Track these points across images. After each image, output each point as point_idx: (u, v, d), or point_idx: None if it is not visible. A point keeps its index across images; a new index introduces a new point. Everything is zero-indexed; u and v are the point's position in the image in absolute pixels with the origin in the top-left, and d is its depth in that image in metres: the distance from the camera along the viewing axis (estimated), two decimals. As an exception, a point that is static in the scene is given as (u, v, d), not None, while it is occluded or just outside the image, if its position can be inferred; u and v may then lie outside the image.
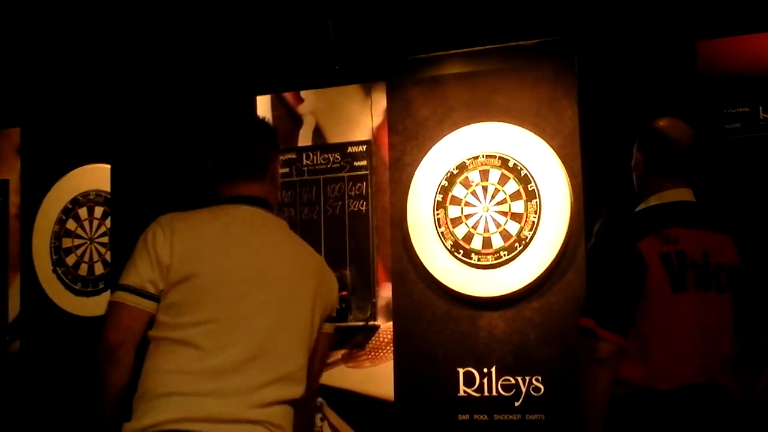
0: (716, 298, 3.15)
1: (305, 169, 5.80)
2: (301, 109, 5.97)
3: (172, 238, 2.78)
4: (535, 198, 5.24)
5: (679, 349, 3.05)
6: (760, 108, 4.42)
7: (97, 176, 6.07)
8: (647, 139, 3.30)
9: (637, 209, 3.28)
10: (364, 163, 5.69)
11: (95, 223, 6.19)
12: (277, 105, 5.98)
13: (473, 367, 5.32)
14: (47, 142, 6.22)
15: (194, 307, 2.75)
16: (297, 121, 5.95)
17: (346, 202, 5.70)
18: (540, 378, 5.20)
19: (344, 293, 5.51)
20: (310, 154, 5.83)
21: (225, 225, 2.90)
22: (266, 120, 3.18)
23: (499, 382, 5.26)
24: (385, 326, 5.58)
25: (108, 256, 5.98)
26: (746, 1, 4.28)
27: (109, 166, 5.55)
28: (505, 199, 5.33)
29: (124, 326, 2.74)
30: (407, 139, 5.63)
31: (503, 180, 5.34)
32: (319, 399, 5.66)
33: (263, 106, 5.92)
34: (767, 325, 4.14)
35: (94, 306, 6.01)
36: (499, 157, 5.35)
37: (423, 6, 4.88)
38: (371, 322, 5.58)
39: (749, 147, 4.41)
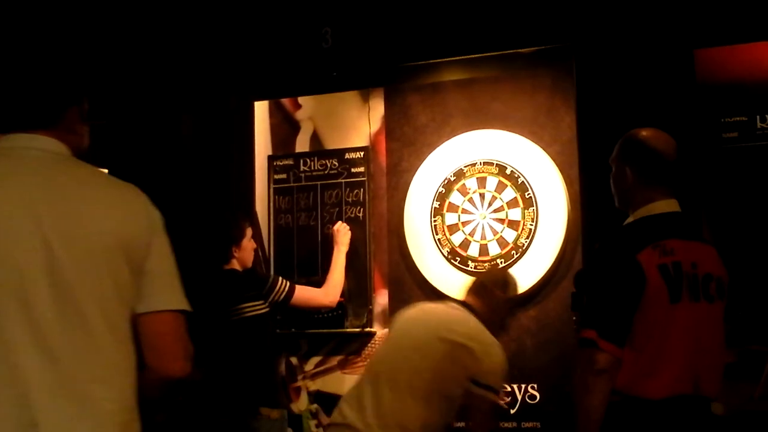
0: (706, 309, 3.15)
1: (303, 175, 5.80)
2: (299, 115, 5.97)
3: None
4: (533, 206, 5.24)
5: (671, 359, 3.05)
6: (758, 117, 4.42)
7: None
8: (634, 151, 3.29)
9: (628, 221, 3.28)
10: (361, 169, 5.69)
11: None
12: (275, 111, 5.98)
13: (469, 375, 5.31)
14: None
15: None
16: (295, 127, 5.96)
17: (344, 208, 5.70)
18: (536, 386, 5.20)
19: (341, 299, 5.52)
20: (308, 160, 5.83)
21: None
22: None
23: (495, 390, 5.26)
24: (382, 333, 5.57)
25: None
26: (744, 10, 4.29)
27: (106, 171, 5.55)
28: (502, 206, 5.33)
29: None
30: (405, 145, 5.63)
31: (500, 187, 5.34)
32: (315, 405, 5.67)
33: (261, 111, 5.93)
34: (761, 334, 4.15)
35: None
36: (497, 164, 5.35)
37: (421, 13, 4.89)
38: (367, 329, 5.58)
39: (746, 156, 4.42)
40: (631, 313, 3.04)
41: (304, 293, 5.25)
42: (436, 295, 5.41)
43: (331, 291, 5.36)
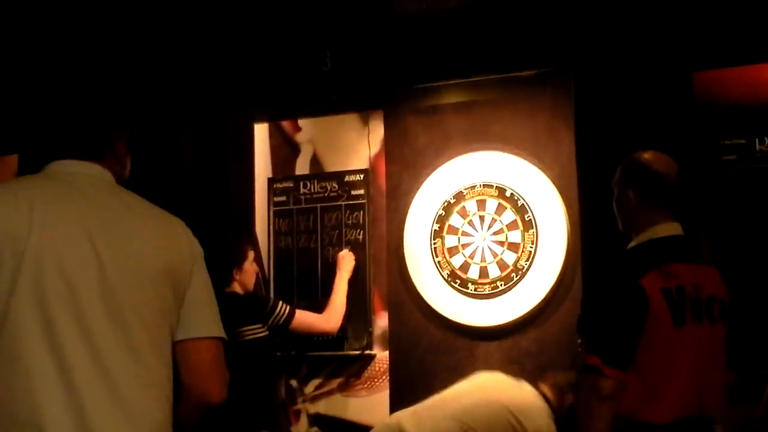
0: (709, 331, 3.15)
1: (302, 197, 5.81)
2: (299, 137, 5.98)
3: None
4: (532, 228, 5.24)
5: (676, 382, 3.05)
6: (756, 140, 4.43)
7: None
8: (636, 174, 3.30)
9: (632, 245, 3.28)
10: (361, 191, 5.70)
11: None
12: (275, 133, 6.00)
13: (469, 397, 5.30)
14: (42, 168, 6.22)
15: None
16: (294, 150, 5.97)
17: (344, 230, 5.70)
18: (536, 408, 5.18)
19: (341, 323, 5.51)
20: (308, 183, 5.83)
21: None
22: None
23: (496, 412, 5.24)
24: (381, 355, 5.57)
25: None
26: (742, 33, 4.30)
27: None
28: (502, 228, 5.33)
29: None
30: (404, 167, 5.63)
31: (500, 210, 5.34)
32: (315, 428, 5.65)
33: (261, 134, 5.94)
34: (762, 356, 4.14)
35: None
36: (496, 186, 5.36)
37: (421, 36, 4.90)
38: (367, 351, 5.58)
39: (745, 178, 4.42)
40: (636, 338, 3.04)
41: (304, 318, 5.25)
42: (437, 318, 5.40)
43: (332, 317, 5.35)
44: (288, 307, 5.15)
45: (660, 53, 4.43)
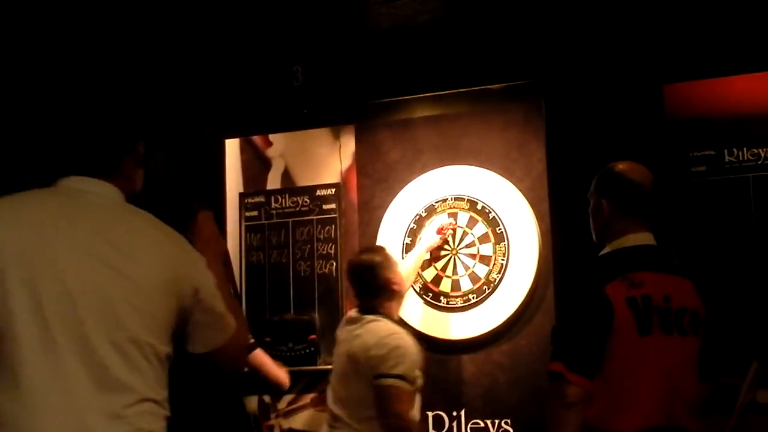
0: (679, 342, 3.15)
1: (274, 212, 5.80)
2: (270, 152, 5.97)
3: None
4: (504, 241, 5.26)
5: (643, 392, 3.05)
6: (725, 151, 4.46)
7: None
8: (611, 184, 3.31)
9: (602, 253, 3.29)
10: (333, 206, 5.69)
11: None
12: (246, 148, 5.98)
13: (442, 410, 5.30)
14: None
15: None
16: (266, 165, 5.96)
17: (315, 245, 5.69)
18: (509, 421, 5.18)
19: (313, 336, 5.50)
20: (279, 197, 5.82)
21: None
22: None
23: (468, 425, 5.25)
24: (354, 369, 5.55)
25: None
26: (712, 46, 4.34)
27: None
28: (473, 241, 5.34)
29: None
30: (376, 182, 5.64)
31: (472, 223, 5.35)
32: (290, 443, 5.62)
33: (232, 149, 5.93)
34: (733, 366, 4.16)
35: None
36: (468, 199, 5.37)
37: (391, 50, 4.91)
38: (340, 366, 5.56)
39: (715, 190, 4.45)
40: (600, 346, 3.04)
41: (263, 356, 5.08)
42: (409, 331, 5.40)
43: None
44: (252, 340, 4.99)
45: (630, 66, 4.46)
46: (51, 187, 2.55)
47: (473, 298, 5.28)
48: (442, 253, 5.38)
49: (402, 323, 4.65)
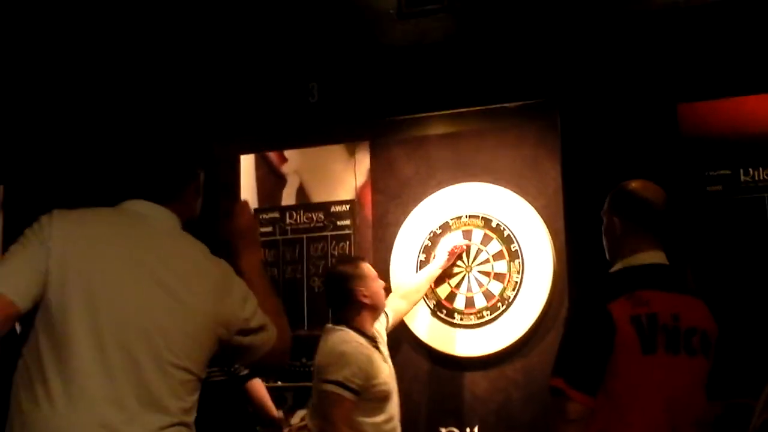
0: (686, 362, 3.13)
1: (288, 228, 5.81)
2: (285, 168, 5.99)
3: None
4: (518, 258, 5.26)
5: (646, 410, 3.04)
6: (741, 171, 4.46)
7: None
8: (623, 202, 3.31)
9: (612, 270, 3.29)
10: (347, 222, 5.71)
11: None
12: (261, 164, 6.00)
13: (456, 427, 5.31)
14: (29, 199, 6.19)
15: None
16: (281, 181, 5.98)
17: (329, 261, 5.71)
18: (523, 438, 5.19)
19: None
20: (294, 213, 5.84)
21: None
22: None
23: (482, 442, 5.25)
24: (368, 386, 5.55)
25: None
26: (727, 66, 4.33)
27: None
28: (488, 259, 5.34)
29: None
30: (390, 198, 5.65)
31: (486, 240, 5.35)
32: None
33: (247, 165, 5.95)
34: (746, 386, 4.14)
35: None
36: (482, 217, 5.38)
37: (407, 68, 4.92)
38: (354, 382, 5.55)
39: (731, 209, 4.45)
40: (602, 362, 3.03)
41: (261, 388, 5.05)
42: (423, 348, 5.41)
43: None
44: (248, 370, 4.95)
45: (645, 85, 4.45)
46: (115, 207, 2.68)
47: (487, 315, 5.28)
48: (456, 270, 5.39)
49: (373, 339, 4.63)
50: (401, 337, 5.47)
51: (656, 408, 3.05)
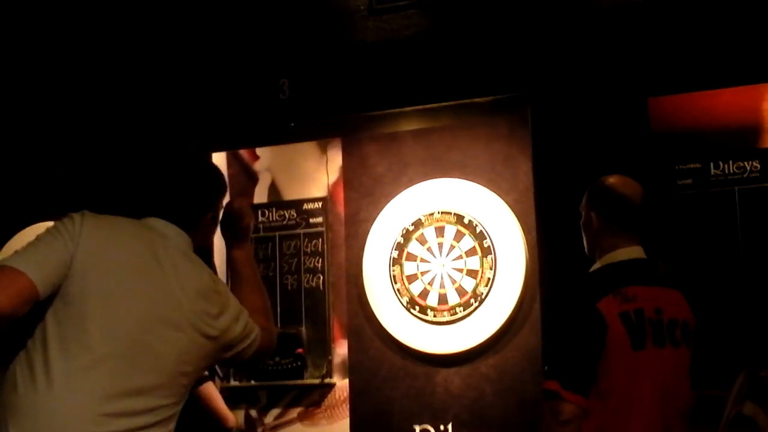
0: (672, 354, 3.15)
1: (261, 225, 5.79)
2: (257, 166, 5.97)
3: None
4: (491, 254, 5.26)
5: (640, 405, 3.05)
6: (711, 164, 4.48)
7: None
8: (600, 197, 3.31)
9: (593, 269, 3.28)
10: (319, 219, 5.69)
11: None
12: (233, 162, 5.98)
13: (429, 424, 5.30)
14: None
15: None
16: (253, 178, 5.95)
17: (302, 258, 5.69)
18: (496, 434, 5.19)
19: (300, 350, 5.49)
20: (266, 211, 5.82)
21: None
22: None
23: (456, 439, 5.25)
24: (341, 383, 5.55)
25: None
26: (697, 59, 4.35)
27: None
28: (460, 255, 5.34)
29: None
30: (363, 195, 5.64)
31: (459, 236, 5.35)
32: (274, 458, 5.61)
33: (219, 162, 5.92)
34: (719, 378, 4.16)
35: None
36: (455, 213, 5.37)
37: (378, 64, 4.92)
38: (327, 380, 5.55)
39: (701, 202, 4.46)
40: (594, 363, 3.03)
41: (212, 390, 5.02)
42: (396, 345, 5.40)
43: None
44: (207, 372, 4.89)
45: (615, 79, 4.47)
46: (140, 221, 2.87)
47: (460, 311, 5.27)
48: (430, 267, 5.38)
49: None
50: (374, 334, 5.47)
51: (649, 402, 3.05)
